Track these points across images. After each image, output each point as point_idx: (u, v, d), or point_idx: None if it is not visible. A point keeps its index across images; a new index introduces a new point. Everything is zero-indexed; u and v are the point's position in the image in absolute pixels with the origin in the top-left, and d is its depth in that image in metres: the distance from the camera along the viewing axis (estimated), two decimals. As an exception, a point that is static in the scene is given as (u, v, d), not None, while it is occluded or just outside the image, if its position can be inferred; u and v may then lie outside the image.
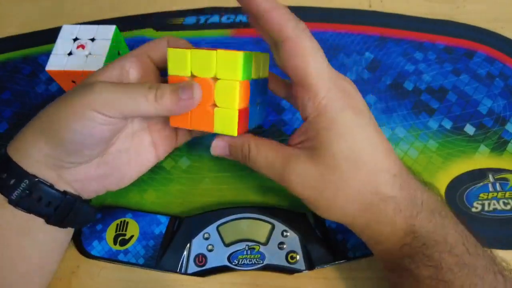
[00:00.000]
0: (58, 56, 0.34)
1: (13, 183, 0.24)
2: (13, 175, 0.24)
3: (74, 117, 0.24)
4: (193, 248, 0.31)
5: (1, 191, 0.24)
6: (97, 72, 0.26)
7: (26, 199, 0.25)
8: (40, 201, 0.25)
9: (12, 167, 0.24)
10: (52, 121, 0.24)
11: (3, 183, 0.24)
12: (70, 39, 0.35)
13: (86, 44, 0.34)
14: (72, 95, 0.24)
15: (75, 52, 0.34)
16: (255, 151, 0.27)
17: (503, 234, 0.33)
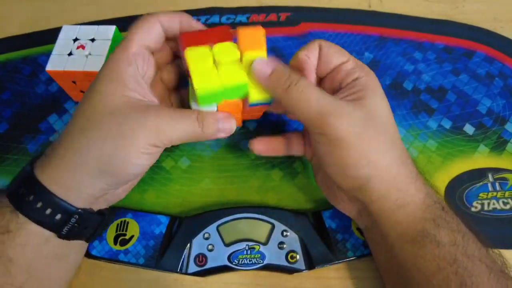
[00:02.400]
0: (58, 57, 0.34)
1: (61, 218, 0.24)
2: (60, 211, 0.24)
3: (139, 154, 0.24)
4: (193, 248, 0.31)
5: (48, 227, 0.24)
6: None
7: (73, 231, 0.25)
8: (86, 229, 0.26)
9: (58, 203, 0.24)
10: (113, 159, 0.24)
11: (49, 219, 0.24)
12: (70, 40, 0.35)
13: (86, 45, 0.34)
14: (129, 130, 0.23)
15: (75, 53, 0.34)
16: (304, 82, 0.25)
17: (502, 233, 0.33)
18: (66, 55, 0.34)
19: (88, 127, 0.24)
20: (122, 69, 0.25)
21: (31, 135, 0.38)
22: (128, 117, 0.24)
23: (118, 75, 0.25)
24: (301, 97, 0.25)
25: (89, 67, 0.33)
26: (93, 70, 0.33)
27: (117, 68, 0.25)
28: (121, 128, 0.23)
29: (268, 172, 0.35)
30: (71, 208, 0.24)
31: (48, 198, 0.24)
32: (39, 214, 0.24)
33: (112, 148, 0.24)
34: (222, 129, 0.27)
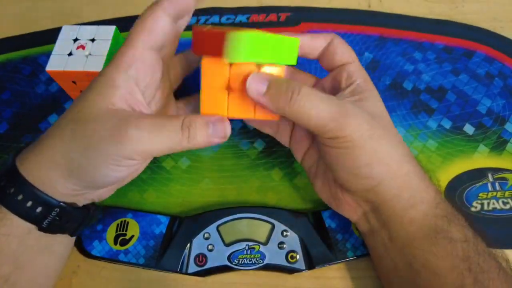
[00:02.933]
0: (58, 57, 0.34)
1: (42, 211, 0.24)
2: (41, 204, 0.24)
3: (108, 165, 0.23)
4: (193, 248, 0.31)
5: (28, 219, 0.24)
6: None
7: (55, 224, 0.25)
8: (68, 223, 0.26)
9: (39, 196, 0.24)
10: (82, 166, 0.24)
11: (30, 212, 0.24)
12: (70, 40, 0.35)
13: (86, 45, 0.34)
14: (102, 141, 0.23)
15: (75, 53, 0.34)
16: (306, 89, 0.24)
17: (502, 233, 0.33)
18: (66, 55, 0.34)
19: (66, 130, 0.24)
20: (114, 76, 0.24)
21: (31, 135, 0.38)
22: (104, 128, 0.23)
23: (109, 82, 0.24)
24: (307, 105, 0.23)
25: (89, 67, 0.33)
26: (93, 70, 0.33)
27: (110, 75, 0.24)
28: (92, 138, 0.23)
29: (268, 172, 0.35)
30: (52, 201, 0.24)
31: (28, 190, 0.24)
32: (19, 206, 0.24)
33: (81, 156, 0.23)
34: (214, 134, 0.25)
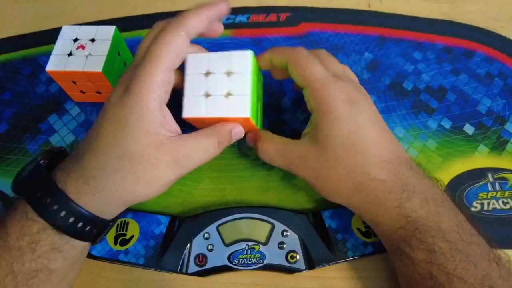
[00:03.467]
0: (58, 57, 0.34)
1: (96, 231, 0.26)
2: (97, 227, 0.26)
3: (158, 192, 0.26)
4: (193, 248, 0.31)
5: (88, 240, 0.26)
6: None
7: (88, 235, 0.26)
8: (99, 235, 0.27)
9: (97, 222, 0.26)
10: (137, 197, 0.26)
11: (91, 237, 0.26)
12: (70, 40, 0.35)
13: (86, 45, 0.34)
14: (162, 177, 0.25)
15: (75, 53, 0.34)
16: (265, 145, 0.30)
17: (502, 233, 0.33)
18: (66, 55, 0.34)
19: (122, 166, 0.25)
20: (149, 101, 0.25)
21: (31, 135, 0.38)
22: (158, 160, 0.25)
23: (144, 110, 0.25)
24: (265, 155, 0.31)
25: (89, 67, 0.33)
26: (93, 71, 0.33)
27: (143, 100, 0.24)
28: (153, 173, 0.25)
29: (268, 172, 0.35)
30: (105, 221, 0.26)
31: (93, 221, 0.25)
32: (84, 234, 0.25)
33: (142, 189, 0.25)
34: (235, 137, 0.29)
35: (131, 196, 0.26)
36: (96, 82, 0.35)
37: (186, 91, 0.27)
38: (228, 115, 0.27)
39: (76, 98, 0.39)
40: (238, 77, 0.27)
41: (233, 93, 0.27)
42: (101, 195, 0.25)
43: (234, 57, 0.28)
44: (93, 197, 0.25)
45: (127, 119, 0.24)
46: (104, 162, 0.25)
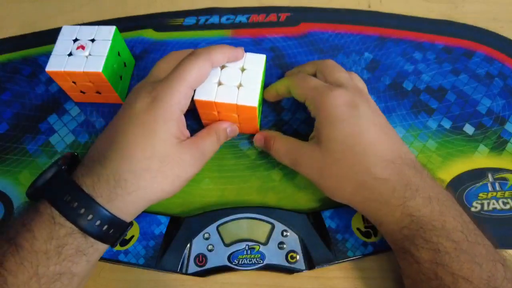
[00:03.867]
0: (58, 57, 0.34)
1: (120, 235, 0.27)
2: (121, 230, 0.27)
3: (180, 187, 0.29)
4: (193, 248, 0.31)
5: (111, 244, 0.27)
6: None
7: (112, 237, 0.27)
8: (120, 238, 0.28)
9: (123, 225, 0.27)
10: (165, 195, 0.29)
11: (116, 240, 0.27)
12: (70, 40, 0.35)
13: (86, 45, 0.34)
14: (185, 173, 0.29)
15: (75, 53, 0.34)
16: (278, 143, 0.33)
17: (502, 233, 0.33)
18: (66, 55, 0.34)
19: (151, 165, 0.27)
20: (175, 110, 0.28)
21: (31, 135, 0.38)
22: (181, 159, 0.28)
23: (172, 117, 0.28)
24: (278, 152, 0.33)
25: (89, 67, 0.33)
26: (93, 71, 0.33)
27: (171, 110, 0.28)
28: (178, 170, 0.28)
29: (268, 172, 0.35)
30: (127, 223, 0.28)
31: (118, 223, 0.27)
32: (108, 236, 0.26)
33: (168, 186, 0.28)
34: (231, 135, 0.34)
35: (158, 193, 0.28)
36: (96, 82, 0.35)
37: None
38: (237, 102, 0.30)
39: (76, 98, 0.39)
40: (251, 73, 0.31)
41: (244, 85, 0.31)
42: (132, 196, 0.27)
43: (249, 57, 0.32)
44: (123, 199, 0.26)
45: (156, 123, 0.27)
46: (135, 164, 0.27)
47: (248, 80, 0.31)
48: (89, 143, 0.37)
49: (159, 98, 0.28)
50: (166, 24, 0.44)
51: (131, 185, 0.26)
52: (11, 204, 0.35)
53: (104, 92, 0.37)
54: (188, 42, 0.42)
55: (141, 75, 0.40)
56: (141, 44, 0.42)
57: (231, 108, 0.31)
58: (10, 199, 0.35)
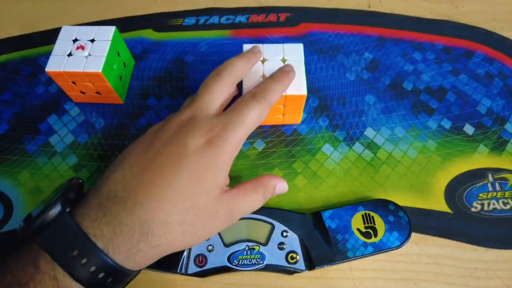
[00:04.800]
0: (58, 57, 0.34)
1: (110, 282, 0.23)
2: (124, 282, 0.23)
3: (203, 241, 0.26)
4: (193, 249, 0.31)
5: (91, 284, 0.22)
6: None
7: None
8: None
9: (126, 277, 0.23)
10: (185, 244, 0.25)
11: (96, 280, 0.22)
12: (70, 40, 0.35)
13: (86, 45, 0.34)
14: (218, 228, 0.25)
15: (75, 53, 0.34)
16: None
17: (502, 234, 0.33)
18: (66, 55, 0.34)
19: (187, 218, 0.23)
20: (229, 162, 0.25)
21: (31, 136, 0.38)
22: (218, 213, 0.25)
23: (225, 168, 0.25)
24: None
25: (89, 68, 0.33)
26: (93, 71, 0.33)
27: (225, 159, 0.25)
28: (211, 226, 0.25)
29: (268, 172, 0.35)
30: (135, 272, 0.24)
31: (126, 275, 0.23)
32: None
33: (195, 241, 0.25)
34: (279, 191, 0.29)
35: (182, 247, 0.24)
36: (95, 83, 0.35)
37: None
38: (287, 93, 0.31)
39: (76, 99, 0.39)
40: (292, 63, 0.32)
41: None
42: (155, 251, 0.23)
43: (287, 47, 0.33)
44: (144, 256, 0.22)
45: (206, 172, 0.24)
46: (170, 214, 0.23)
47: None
48: (88, 143, 0.37)
49: (217, 144, 0.24)
50: (166, 24, 0.44)
51: (158, 238, 0.22)
52: (11, 204, 0.35)
53: (104, 92, 0.37)
54: (188, 43, 0.42)
55: (140, 75, 0.40)
56: (141, 44, 0.42)
57: (279, 100, 0.31)
58: (10, 200, 0.35)
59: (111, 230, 0.22)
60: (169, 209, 0.23)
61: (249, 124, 0.26)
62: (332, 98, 0.39)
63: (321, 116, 0.38)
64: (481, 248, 0.32)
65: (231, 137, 0.25)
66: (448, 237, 0.33)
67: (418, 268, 0.31)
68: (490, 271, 0.31)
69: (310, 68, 0.40)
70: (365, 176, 0.35)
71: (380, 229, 0.31)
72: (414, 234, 0.32)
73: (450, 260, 0.32)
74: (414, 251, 0.32)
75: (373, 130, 0.37)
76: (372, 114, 0.38)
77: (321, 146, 0.36)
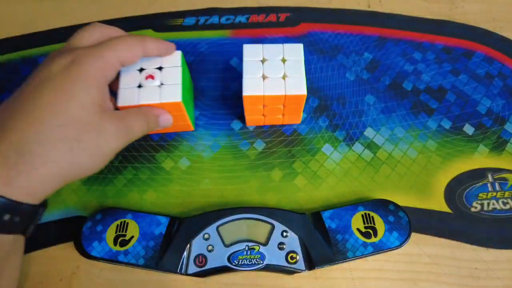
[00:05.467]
0: (128, 90, 0.30)
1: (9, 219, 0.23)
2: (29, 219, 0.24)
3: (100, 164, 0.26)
4: (193, 249, 0.31)
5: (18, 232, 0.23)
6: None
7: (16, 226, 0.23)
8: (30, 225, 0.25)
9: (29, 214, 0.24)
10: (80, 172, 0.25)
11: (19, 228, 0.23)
12: (135, 70, 0.31)
13: (155, 74, 0.31)
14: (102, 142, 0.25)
15: (145, 84, 0.30)
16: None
17: (502, 234, 0.33)
18: (136, 87, 0.30)
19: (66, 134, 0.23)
20: (98, 81, 0.26)
21: (31, 136, 0.38)
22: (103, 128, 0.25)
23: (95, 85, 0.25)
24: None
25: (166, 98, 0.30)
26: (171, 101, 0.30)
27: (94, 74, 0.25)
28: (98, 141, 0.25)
29: (268, 172, 0.35)
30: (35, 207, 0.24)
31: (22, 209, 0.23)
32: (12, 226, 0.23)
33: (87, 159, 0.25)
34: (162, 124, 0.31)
35: (75, 169, 0.24)
36: (171, 113, 0.32)
37: (244, 74, 0.31)
38: (286, 93, 0.31)
39: None
40: (293, 63, 0.32)
41: (289, 75, 0.31)
42: (39, 172, 0.22)
43: (287, 47, 0.32)
44: (28, 177, 0.22)
45: (74, 86, 0.24)
46: (43, 132, 0.23)
47: (292, 70, 0.31)
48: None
49: (80, 61, 0.25)
50: (166, 25, 0.44)
51: (38, 157, 0.22)
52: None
53: (178, 121, 0.34)
54: (188, 43, 0.42)
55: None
56: (141, 44, 0.42)
57: (279, 100, 0.32)
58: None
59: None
60: (40, 128, 0.23)
61: (118, 49, 0.27)
62: (332, 98, 0.39)
63: (321, 116, 0.38)
64: (481, 248, 0.32)
65: (96, 54, 0.26)
66: (448, 237, 0.33)
67: (418, 268, 0.31)
68: (490, 271, 0.31)
69: (310, 68, 0.40)
70: (365, 176, 0.35)
71: (380, 229, 0.31)
72: (414, 234, 0.32)
73: (450, 260, 0.32)
74: (414, 251, 0.32)
75: (373, 130, 0.37)
76: (372, 114, 0.38)
77: (321, 146, 0.36)
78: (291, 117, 0.36)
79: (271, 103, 0.32)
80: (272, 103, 0.32)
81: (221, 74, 0.40)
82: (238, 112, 0.38)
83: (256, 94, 0.31)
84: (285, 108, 0.33)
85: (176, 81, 0.31)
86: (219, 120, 0.38)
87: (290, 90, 0.31)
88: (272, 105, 0.33)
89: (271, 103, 0.32)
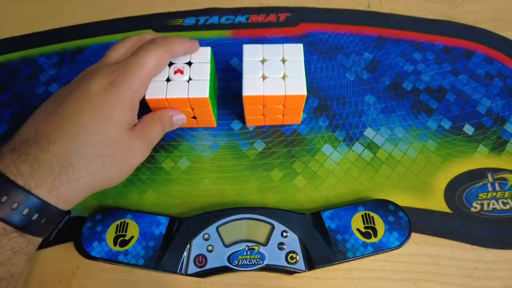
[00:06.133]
0: (157, 83, 0.31)
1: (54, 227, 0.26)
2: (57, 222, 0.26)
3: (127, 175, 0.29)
4: (193, 249, 0.31)
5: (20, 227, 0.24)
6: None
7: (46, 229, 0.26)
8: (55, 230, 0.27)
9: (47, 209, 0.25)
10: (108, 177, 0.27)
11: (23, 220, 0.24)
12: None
13: (184, 69, 0.31)
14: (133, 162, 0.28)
15: (174, 78, 0.31)
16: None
17: (502, 234, 0.33)
18: (165, 81, 0.31)
19: (103, 151, 0.26)
20: (132, 102, 0.28)
21: (31, 136, 0.38)
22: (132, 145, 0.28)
23: (130, 105, 0.28)
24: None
25: (194, 93, 0.31)
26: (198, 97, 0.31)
27: (130, 95, 0.27)
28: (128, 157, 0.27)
29: (268, 172, 0.35)
30: (66, 213, 0.26)
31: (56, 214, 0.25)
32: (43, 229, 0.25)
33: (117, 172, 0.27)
34: (177, 123, 0.32)
35: (106, 180, 0.27)
36: (197, 108, 0.33)
37: (244, 74, 0.31)
38: (286, 93, 0.31)
39: None
40: (292, 63, 0.32)
41: (289, 75, 0.31)
42: (78, 183, 0.25)
43: (287, 47, 0.32)
44: (68, 187, 0.24)
45: (113, 109, 0.26)
46: (84, 148, 0.25)
47: (292, 70, 0.31)
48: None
49: (118, 83, 0.27)
50: (166, 25, 0.44)
51: (78, 171, 0.25)
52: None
53: (202, 117, 0.35)
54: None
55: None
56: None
57: (279, 100, 0.32)
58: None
59: (28, 167, 0.23)
60: (81, 144, 0.25)
61: (149, 66, 0.28)
62: (332, 98, 0.39)
63: (321, 116, 0.38)
64: (481, 248, 0.32)
65: (131, 76, 0.27)
66: (448, 237, 0.33)
67: (418, 268, 0.31)
68: (490, 271, 0.31)
69: (310, 68, 0.40)
70: (365, 176, 0.35)
71: (380, 229, 0.31)
72: (414, 234, 0.32)
73: (450, 260, 0.32)
74: (414, 251, 0.32)
75: (373, 130, 0.37)
76: (372, 114, 0.38)
77: (321, 146, 0.36)
78: (291, 117, 0.36)
79: (271, 103, 0.32)
80: (272, 103, 0.32)
81: (221, 74, 0.40)
82: (238, 112, 0.38)
83: (256, 94, 0.31)
84: (285, 108, 0.33)
85: (204, 76, 0.31)
86: (219, 120, 0.38)
87: (290, 90, 0.31)
88: (272, 105, 0.32)
89: (271, 103, 0.32)
